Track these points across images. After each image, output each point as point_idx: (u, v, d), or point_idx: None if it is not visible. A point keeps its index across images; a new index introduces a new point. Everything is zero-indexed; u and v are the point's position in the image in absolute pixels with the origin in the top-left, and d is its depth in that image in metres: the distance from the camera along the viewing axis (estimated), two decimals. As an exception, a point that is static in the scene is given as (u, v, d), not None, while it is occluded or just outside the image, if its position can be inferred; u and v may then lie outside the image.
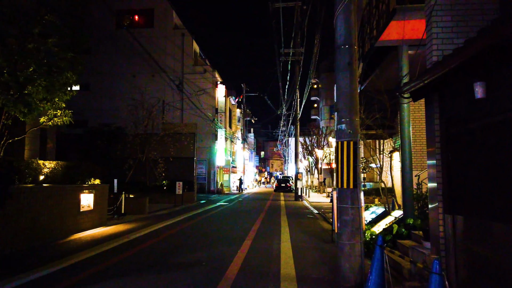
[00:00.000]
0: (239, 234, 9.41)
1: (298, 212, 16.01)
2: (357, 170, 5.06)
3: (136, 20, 35.27)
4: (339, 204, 5.17)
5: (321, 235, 9.64)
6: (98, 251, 7.24)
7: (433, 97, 4.66)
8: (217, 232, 9.96)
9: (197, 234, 9.60)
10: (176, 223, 11.84)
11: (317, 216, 14.43)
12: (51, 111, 8.85)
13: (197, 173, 32.99)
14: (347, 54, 5.17)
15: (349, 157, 5.06)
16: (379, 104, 8.49)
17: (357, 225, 5.00)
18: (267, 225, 11.44)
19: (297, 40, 23.96)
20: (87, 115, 31.61)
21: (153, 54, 31.15)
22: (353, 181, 5.04)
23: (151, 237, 9.00)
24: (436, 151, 4.54)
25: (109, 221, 11.73)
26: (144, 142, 19.86)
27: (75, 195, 9.49)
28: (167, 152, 20.54)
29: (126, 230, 10.06)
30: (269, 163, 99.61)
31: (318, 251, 7.55)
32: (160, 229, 10.42)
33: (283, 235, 9.35)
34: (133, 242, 8.34)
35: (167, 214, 14.76)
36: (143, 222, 11.87)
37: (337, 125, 5.25)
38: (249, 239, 8.68)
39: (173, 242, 8.46)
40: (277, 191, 37.89)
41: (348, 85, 5.17)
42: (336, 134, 5.28)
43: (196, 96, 29.44)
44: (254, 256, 6.90)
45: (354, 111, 5.17)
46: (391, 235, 6.79)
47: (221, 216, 14.23)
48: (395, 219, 7.33)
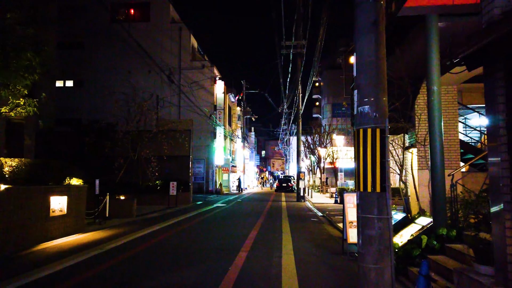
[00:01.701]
0: (233, 244, 8.07)
1: (301, 215, 14.66)
2: (386, 167, 3.72)
3: (132, 14, 34.01)
4: (360, 213, 3.82)
5: (329, 244, 8.29)
6: (53, 269, 5.84)
7: (495, 65, 3.31)
8: (207, 241, 8.62)
9: (183, 244, 8.25)
10: (164, 228, 10.50)
11: (322, 220, 13.08)
12: (12, 99, 7.51)
13: (195, 173, 31.69)
14: (371, 10, 3.82)
15: (374, 149, 3.72)
16: (399, 90, 7.14)
17: (386, 243, 3.66)
18: (267, 231, 10.10)
19: (299, 32, 22.60)
20: (80, 113, 30.37)
21: (149, 49, 29.76)
22: (380, 183, 3.69)
23: (127, 248, 7.66)
24: (502, 148, 3.20)
25: (89, 226, 10.41)
26: (136, 140, 18.53)
27: (44, 198, 8.16)
28: (161, 150, 19.19)
29: (103, 238, 8.73)
30: (270, 162, 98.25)
31: (328, 267, 6.20)
32: (144, 236, 9.08)
33: (284, 245, 8.00)
34: (103, 255, 7.00)
35: (157, 217, 13.43)
36: (128, 228, 10.54)
37: (357, 107, 3.90)
38: (245, 250, 7.33)
39: (149, 256, 7.12)
40: (278, 191, 36.51)
41: (373, 51, 3.82)
42: (356, 119, 3.93)
43: (192, 91, 28.14)
44: (248, 277, 5.55)
45: (382, 88, 3.82)
46: (419, 250, 5.44)
47: (215, 220, 12.90)
48: (422, 228, 5.97)
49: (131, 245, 7.97)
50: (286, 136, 59.43)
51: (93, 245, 7.86)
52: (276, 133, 63.32)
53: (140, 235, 9.17)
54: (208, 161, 31.46)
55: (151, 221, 12.19)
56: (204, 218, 13.26)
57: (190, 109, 28.01)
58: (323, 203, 20.50)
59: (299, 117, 22.30)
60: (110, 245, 7.85)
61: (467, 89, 10.71)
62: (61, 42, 32.04)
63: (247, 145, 50.79)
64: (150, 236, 9.19)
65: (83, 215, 9.83)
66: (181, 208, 17.23)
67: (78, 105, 31.29)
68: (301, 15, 22.30)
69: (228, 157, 36.52)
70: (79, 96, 31.87)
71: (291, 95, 27.67)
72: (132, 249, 7.51)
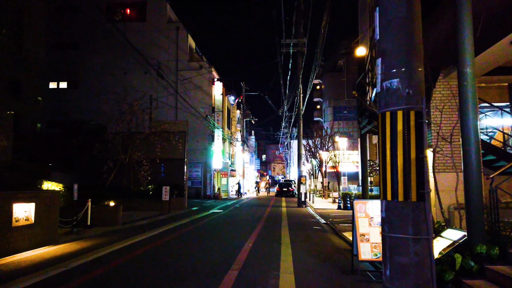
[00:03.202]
0: (223, 259, 6.94)
1: (302, 222, 13.51)
2: (425, 167, 2.61)
3: (128, 14, 33.09)
4: (387, 232, 2.71)
5: (335, 258, 7.16)
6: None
7: None
8: (193, 256, 7.47)
9: (164, 259, 7.12)
10: (147, 239, 9.37)
11: (325, 228, 11.94)
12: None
13: (192, 177, 30.57)
14: None
15: (407, 140, 2.61)
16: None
17: (427, 275, 2.54)
18: (264, 242, 8.97)
19: (299, 29, 21.57)
20: (75, 115, 29.29)
21: (145, 50, 28.87)
22: (416, 188, 2.58)
23: (97, 264, 6.52)
24: None
25: (65, 236, 9.28)
26: (127, 141, 17.44)
27: (4, 205, 7.05)
28: (154, 153, 18.10)
29: (75, 251, 7.61)
30: (270, 166, 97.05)
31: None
32: (121, 249, 7.95)
33: (283, 259, 6.87)
34: (66, 275, 5.88)
35: (145, 225, 12.30)
36: (108, 238, 9.41)
37: (381, 82, 2.80)
38: (236, 267, 6.19)
39: (120, 274, 6.01)
40: (279, 196, 35.32)
41: (404, 5, 2.73)
42: (380, 100, 2.83)
43: (186, 91, 27.13)
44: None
45: (416, 54, 2.72)
46: (452, 273, 4.31)
47: (208, 229, 11.76)
48: (453, 244, 4.84)
49: (103, 260, 6.84)
50: (287, 140, 58.30)
51: (61, 260, 6.74)
52: (276, 136, 62.20)
53: (118, 248, 8.03)
54: (206, 165, 30.35)
55: (137, 230, 11.06)
56: (196, 226, 12.12)
57: (187, 111, 26.94)
58: (325, 209, 19.34)
59: (300, 118, 21.20)
60: (79, 260, 6.72)
61: (486, 81, 9.61)
62: (55, 42, 31.19)
63: (247, 148, 49.65)
64: (129, 248, 8.06)
65: (56, 224, 8.70)
66: (174, 215, 16.09)
67: (73, 107, 30.25)
68: (302, 12, 21.31)
69: (227, 161, 35.39)
70: (74, 98, 30.88)
71: (292, 95, 26.61)
72: (103, 265, 6.38)
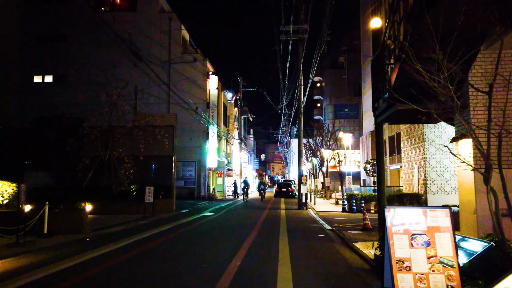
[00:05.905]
0: (200, 284, 5.06)
1: (304, 228, 11.64)
2: None
3: (118, 3, 31.20)
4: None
5: (351, 284, 5.27)
6: None
7: None
8: (163, 279, 5.59)
9: (125, 283, 5.23)
10: (113, 252, 7.48)
11: (332, 236, 10.04)
12: None
13: (185, 177, 28.67)
14: None
15: None
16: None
17: None
18: (256, 258, 7.09)
19: (300, 15, 19.68)
20: (61, 110, 27.36)
21: (136, 41, 27.00)
22: None
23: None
24: None
25: (6, 249, 7.40)
26: (107, 136, 15.57)
27: None
28: (138, 150, 16.22)
29: (7, 272, 5.73)
30: (270, 166, 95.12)
31: None
32: (70, 268, 6.07)
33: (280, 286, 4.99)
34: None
35: (118, 233, 10.41)
36: (63, 251, 7.53)
37: None
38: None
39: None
40: (277, 196, 33.37)
41: None
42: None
43: (178, 83, 25.25)
44: None
45: None
46: None
47: (193, 237, 9.86)
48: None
49: (40, 285, 4.96)
50: (286, 138, 56.42)
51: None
52: (275, 135, 60.30)
53: (62, 268, 6.12)
54: (200, 164, 28.47)
55: (106, 239, 9.18)
56: (180, 234, 10.25)
57: (180, 106, 25.03)
58: (329, 211, 17.46)
59: (301, 111, 19.29)
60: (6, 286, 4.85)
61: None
62: (40, 35, 29.34)
63: (245, 147, 47.71)
64: (81, 266, 6.18)
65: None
66: (158, 218, 14.20)
67: (59, 102, 28.26)
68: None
69: (223, 160, 33.48)
70: (60, 92, 28.90)
71: (291, 89, 24.71)
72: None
